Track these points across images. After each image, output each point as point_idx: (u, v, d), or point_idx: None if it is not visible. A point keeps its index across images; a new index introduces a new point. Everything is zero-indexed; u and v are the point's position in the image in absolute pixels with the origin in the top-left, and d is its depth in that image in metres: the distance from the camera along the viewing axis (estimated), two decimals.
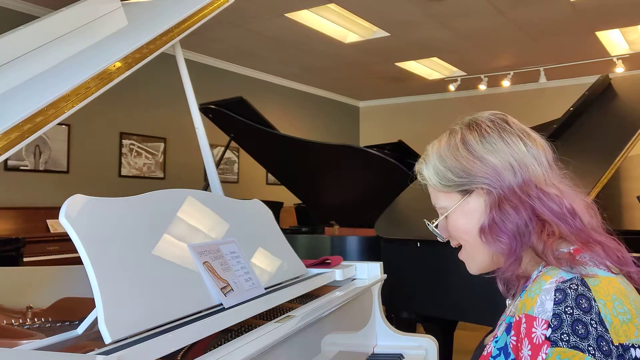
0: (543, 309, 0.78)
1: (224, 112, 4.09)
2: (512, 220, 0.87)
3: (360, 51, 6.83)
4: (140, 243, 1.17)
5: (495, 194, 0.89)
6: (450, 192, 0.94)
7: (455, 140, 0.94)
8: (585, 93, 3.28)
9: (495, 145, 0.91)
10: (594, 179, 2.48)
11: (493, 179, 0.89)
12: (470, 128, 0.95)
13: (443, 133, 0.99)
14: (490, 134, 0.92)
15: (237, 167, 7.56)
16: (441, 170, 0.94)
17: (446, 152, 0.94)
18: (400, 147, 4.46)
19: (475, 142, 0.92)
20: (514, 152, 0.91)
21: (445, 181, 0.94)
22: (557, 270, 0.82)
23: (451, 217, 0.95)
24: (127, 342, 0.95)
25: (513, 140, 0.92)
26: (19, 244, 3.74)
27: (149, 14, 2.06)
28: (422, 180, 0.99)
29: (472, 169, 0.91)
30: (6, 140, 1.21)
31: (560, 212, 0.87)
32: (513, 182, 0.89)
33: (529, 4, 5.26)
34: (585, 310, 0.75)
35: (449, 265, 2.47)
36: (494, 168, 0.90)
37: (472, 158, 0.91)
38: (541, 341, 0.76)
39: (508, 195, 0.88)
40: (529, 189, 0.89)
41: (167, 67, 3.81)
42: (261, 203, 1.83)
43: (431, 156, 0.97)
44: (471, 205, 0.92)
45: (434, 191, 0.98)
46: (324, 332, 1.48)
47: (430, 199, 1.00)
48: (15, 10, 5.05)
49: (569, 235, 0.86)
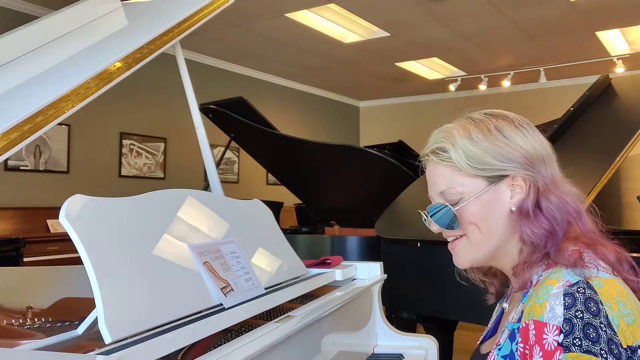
0: (553, 315, 0.77)
1: (224, 112, 4.09)
2: (557, 208, 0.87)
3: (360, 51, 6.83)
4: (140, 243, 1.17)
5: (538, 181, 0.88)
6: (478, 176, 0.90)
7: (487, 126, 0.91)
8: (585, 93, 3.28)
9: (530, 137, 0.91)
10: (594, 179, 2.48)
11: (532, 167, 0.89)
12: (500, 118, 0.93)
13: (457, 120, 0.95)
14: (524, 127, 0.92)
15: (237, 167, 7.56)
16: (475, 153, 0.89)
17: (480, 136, 0.90)
18: (401, 147, 4.45)
19: (510, 130, 0.91)
20: (544, 147, 0.92)
21: (479, 164, 0.89)
22: (561, 273, 0.81)
23: (472, 203, 0.90)
24: (127, 342, 0.94)
25: (541, 137, 0.93)
26: (19, 244, 3.73)
27: (149, 14, 2.06)
28: (441, 161, 0.92)
29: (512, 155, 0.89)
30: (6, 140, 1.21)
31: (577, 212, 0.89)
32: (546, 174, 0.89)
33: (529, 4, 5.26)
34: (595, 314, 0.75)
35: (449, 265, 2.46)
36: (531, 157, 0.89)
37: (511, 144, 0.90)
38: (554, 347, 0.75)
39: (549, 185, 0.89)
40: (558, 185, 0.90)
41: (167, 67, 3.81)
42: (261, 203, 1.83)
43: (459, 138, 0.91)
44: (497, 193, 0.90)
45: (453, 174, 0.91)
46: (324, 332, 1.48)
47: (435, 184, 0.94)
48: (15, 10, 5.04)
49: (578, 237, 0.86)
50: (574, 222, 0.88)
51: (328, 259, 1.90)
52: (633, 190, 3.29)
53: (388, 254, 2.86)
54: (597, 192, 2.43)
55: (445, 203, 0.93)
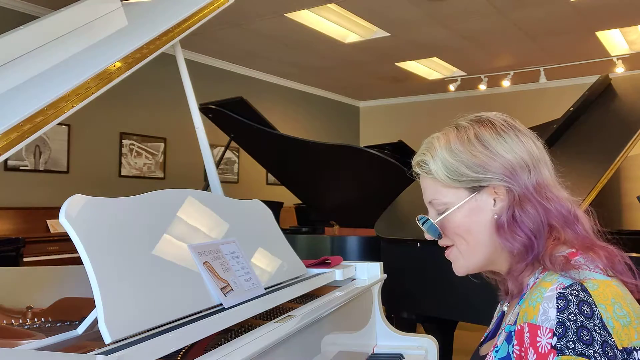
0: (547, 317, 0.77)
1: (224, 112, 4.09)
2: (533, 219, 0.86)
3: (360, 51, 6.83)
4: (140, 243, 1.17)
5: (515, 191, 0.87)
6: (458, 187, 0.91)
7: (468, 135, 0.91)
8: (585, 93, 3.28)
9: (512, 143, 0.90)
10: (594, 179, 2.48)
11: (510, 176, 0.88)
12: (483, 124, 0.92)
13: (445, 128, 0.96)
14: (507, 132, 0.91)
15: (237, 167, 7.56)
16: (452, 164, 0.90)
17: (459, 147, 0.91)
18: (401, 147, 4.46)
19: (491, 138, 0.90)
20: (528, 153, 0.90)
21: (456, 175, 0.90)
22: (556, 275, 0.81)
23: (454, 214, 0.91)
24: (127, 342, 0.94)
25: (527, 140, 0.91)
26: (19, 244, 3.73)
27: (149, 14, 2.06)
28: (424, 173, 0.95)
29: (490, 165, 0.89)
30: (6, 140, 1.21)
31: (570, 217, 0.87)
32: (528, 182, 0.88)
33: (529, 4, 5.26)
34: (588, 317, 0.75)
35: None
36: (511, 165, 0.88)
37: (489, 154, 0.89)
38: (547, 350, 0.75)
39: (527, 195, 0.87)
40: (544, 191, 0.88)
41: (167, 67, 3.81)
42: (261, 203, 1.83)
43: (439, 149, 0.92)
44: (479, 202, 0.90)
45: (436, 186, 0.93)
46: (324, 332, 1.48)
47: (425, 194, 0.97)
48: (15, 10, 5.05)
49: (572, 241, 0.86)
50: (561, 228, 0.87)
51: (328, 259, 1.90)
52: (633, 190, 3.29)
53: (388, 254, 2.86)
54: (597, 192, 2.43)
55: (430, 215, 0.95)
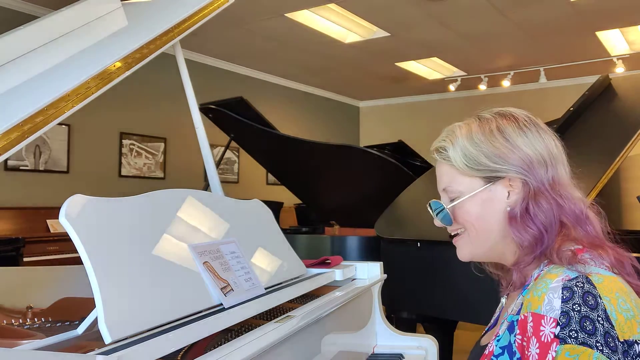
0: (551, 307, 0.78)
1: (224, 112, 4.09)
2: (546, 214, 0.88)
3: (360, 51, 6.83)
4: (140, 243, 1.17)
5: (531, 185, 0.90)
6: (474, 176, 0.93)
7: (490, 126, 0.94)
8: (585, 93, 3.28)
9: (532, 139, 0.92)
10: (594, 179, 2.48)
11: (528, 170, 0.90)
12: (506, 118, 0.95)
13: (467, 118, 0.99)
14: (529, 128, 0.93)
15: (237, 167, 7.56)
16: (472, 153, 0.93)
17: (480, 137, 0.93)
18: (401, 147, 4.45)
19: (512, 132, 0.93)
20: (547, 150, 0.93)
21: (475, 164, 0.93)
22: (562, 268, 0.82)
23: (467, 202, 0.94)
24: (127, 342, 0.94)
25: (548, 138, 0.94)
26: (19, 244, 3.74)
27: (149, 14, 2.06)
28: (443, 160, 0.97)
29: (509, 157, 0.91)
30: (6, 140, 1.21)
31: (582, 217, 0.89)
32: (544, 177, 0.91)
33: (529, 4, 5.26)
34: (592, 307, 0.76)
35: (449, 265, 2.47)
36: (530, 160, 0.91)
37: (509, 146, 0.91)
38: (550, 339, 0.76)
39: (542, 189, 0.90)
40: (558, 188, 0.90)
41: (167, 67, 3.81)
42: (261, 203, 1.83)
43: (460, 137, 0.95)
44: (493, 193, 0.92)
45: (453, 173, 0.96)
46: (324, 332, 1.48)
47: (439, 181, 0.99)
48: (15, 10, 5.05)
49: (581, 239, 0.88)
50: (572, 226, 0.89)
51: (328, 259, 1.90)
52: (633, 190, 3.29)
53: (388, 254, 2.86)
54: (597, 192, 2.43)
55: (443, 202, 0.98)
